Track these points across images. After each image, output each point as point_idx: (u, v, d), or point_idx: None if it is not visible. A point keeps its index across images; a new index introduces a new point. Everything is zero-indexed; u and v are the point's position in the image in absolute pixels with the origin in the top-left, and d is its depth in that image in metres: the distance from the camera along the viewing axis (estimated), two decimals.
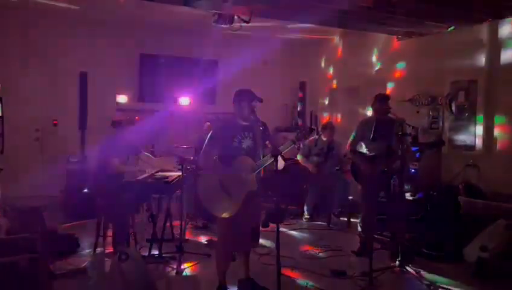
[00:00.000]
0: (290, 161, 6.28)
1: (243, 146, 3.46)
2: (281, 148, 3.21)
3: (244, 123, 3.48)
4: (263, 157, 3.38)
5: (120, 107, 7.60)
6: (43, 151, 7.39)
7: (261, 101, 3.47)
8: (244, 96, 3.46)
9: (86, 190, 6.54)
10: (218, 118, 6.73)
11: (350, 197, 6.60)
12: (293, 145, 3.31)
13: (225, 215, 3.39)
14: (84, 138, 6.77)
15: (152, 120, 7.24)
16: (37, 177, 7.34)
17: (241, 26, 5.56)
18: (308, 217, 6.50)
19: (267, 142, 3.40)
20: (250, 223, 3.48)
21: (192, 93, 8.34)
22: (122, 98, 7.53)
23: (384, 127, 4.56)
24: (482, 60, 5.66)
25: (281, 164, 3.18)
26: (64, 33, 7.37)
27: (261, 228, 3.55)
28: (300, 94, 8.83)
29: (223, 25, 5.46)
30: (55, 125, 7.41)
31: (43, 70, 7.30)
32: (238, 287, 3.79)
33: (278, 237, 2.98)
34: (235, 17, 5.38)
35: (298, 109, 8.84)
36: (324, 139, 6.41)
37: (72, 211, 6.51)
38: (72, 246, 4.86)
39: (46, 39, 7.27)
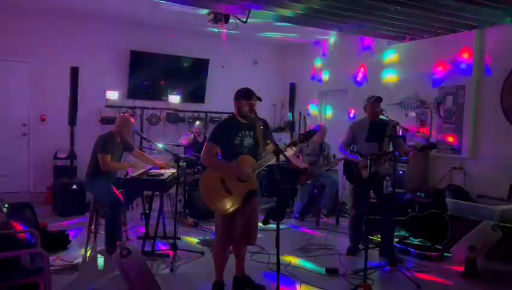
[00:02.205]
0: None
1: (244, 144, 3.49)
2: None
3: (245, 122, 3.51)
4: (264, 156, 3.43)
5: (110, 104, 7.54)
6: (30, 147, 7.29)
7: (260, 100, 3.51)
8: (244, 95, 3.49)
9: (74, 187, 6.49)
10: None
11: (339, 197, 6.71)
12: (292, 148, 3.37)
13: (225, 213, 3.42)
14: (74, 133, 6.68)
15: None
16: (23, 172, 7.26)
17: (236, 25, 5.59)
18: (297, 216, 6.58)
19: (268, 141, 3.44)
20: (249, 221, 3.51)
21: (182, 91, 8.34)
22: (112, 95, 7.46)
23: (377, 129, 4.64)
24: (470, 65, 5.82)
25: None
26: (55, 27, 7.29)
27: (259, 226, 3.56)
28: (289, 95, 8.93)
29: (218, 24, 5.47)
30: (43, 120, 7.32)
31: (32, 64, 7.20)
32: (233, 284, 3.83)
33: (277, 234, 3.02)
34: (231, 16, 5.41)
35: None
36: (316, 140, 6.48)
37: (60, 207, 6.45)
38: (63, 242, 4.83)
39: (36, 33, 7.16)
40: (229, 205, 3.39)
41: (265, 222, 3.05)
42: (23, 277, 2.64)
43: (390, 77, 7.02)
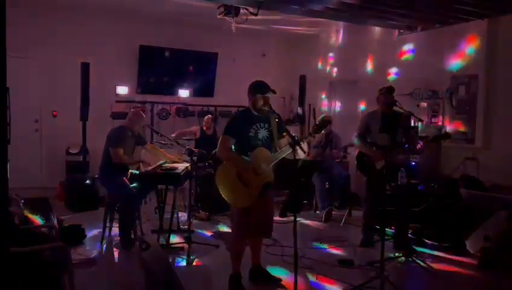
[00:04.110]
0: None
1: (259, 136, 3.49)
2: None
3: (259, 114, 3.50)
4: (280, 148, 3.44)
5: (120, 99, 7.56)
6: (43, 142, 7.35)
7: (274, 92, 3.51)
8: (259, 88, 3.49)
9: (87, 182, 6.53)
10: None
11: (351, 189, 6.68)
12: (310, 138, 3.36)
13: (241, 205, 3.43)
14: (85, 129, 6.73)
15: None
16: (36, 168, 7.32)
17: (246, 18, 5.57)
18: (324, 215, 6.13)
19: (284, 133, 3.43)
20: (264, 213, 3.52)
21: (192, 85, 8.35)
22: (122, 90, 7.48)
23: (390, 120, 4.61)
24: (482, 55, 5.75)
25: None
26: (64, 23, 7.31)
27: (276, 219, 3.58)
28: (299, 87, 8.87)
29: (228, 18, 5.46)
30: (54, 116, 7.37)
31: (43, 60, 7.23)
32: (249, 276, 3.84)
33: (295, 226, 3.03)
34: (241, 9, 5.39)
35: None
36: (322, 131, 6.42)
37: (73, 202, 6.49)
38: (79, 236, 4.87)
39: (47, 29, 7.19)
40: (246, 198, 3.39)
41: (282, 214, 3.05)
42: (46, 270, 2.66)
43: (400, 67, 6.96)
